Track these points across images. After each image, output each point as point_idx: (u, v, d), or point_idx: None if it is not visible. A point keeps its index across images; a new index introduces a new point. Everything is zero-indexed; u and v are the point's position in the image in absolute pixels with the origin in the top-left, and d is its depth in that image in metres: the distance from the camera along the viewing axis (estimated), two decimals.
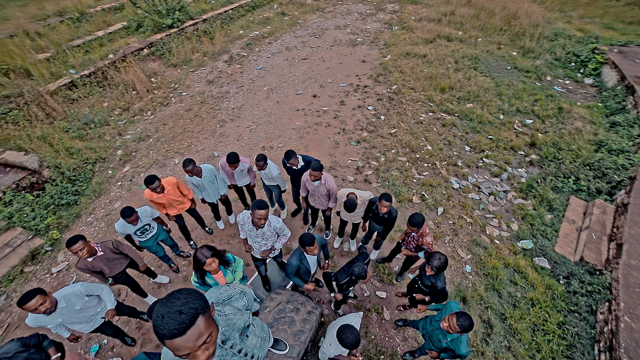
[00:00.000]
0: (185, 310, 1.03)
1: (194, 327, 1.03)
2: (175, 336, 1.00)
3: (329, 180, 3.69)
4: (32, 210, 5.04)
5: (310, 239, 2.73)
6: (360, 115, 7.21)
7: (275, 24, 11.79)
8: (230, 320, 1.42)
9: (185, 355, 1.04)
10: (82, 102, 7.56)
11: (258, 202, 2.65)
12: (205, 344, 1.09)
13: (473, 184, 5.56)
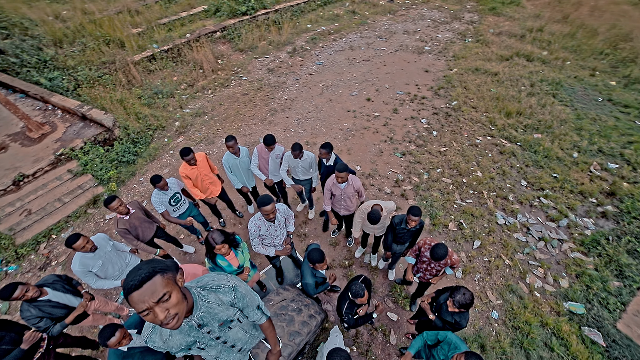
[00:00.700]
0: (144, 268, 1.14)
1: (149, 282, 1.12)
2: (133, 289, 1.10)
3: (355, 180, 3.59)
4: (101, 162, 5.78)
5: (320, 256, 2.66)
6: (411, 126, 6.88)
7: (343, 21, 11.75)
8: (211, 308, 1.42)
9: (144, 311, 1.12)
10: (157, 74, 8.41)
11: (261, 198, 2.65)
12: (163, 303, 1.15)
13: (522, 223, 4.96)
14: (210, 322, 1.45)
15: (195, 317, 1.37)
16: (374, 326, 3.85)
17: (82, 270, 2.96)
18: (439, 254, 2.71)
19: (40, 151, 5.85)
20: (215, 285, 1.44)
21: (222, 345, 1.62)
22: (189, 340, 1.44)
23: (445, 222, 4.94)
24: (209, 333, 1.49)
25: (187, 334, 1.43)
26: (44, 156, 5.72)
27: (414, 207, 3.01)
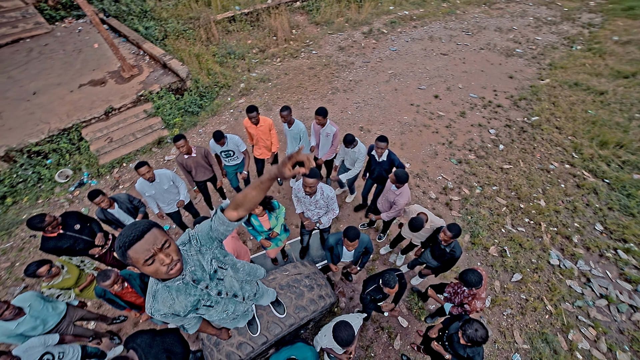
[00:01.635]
0: (140, 222, 1.19)
1: (149, 233, 1.17)
2: (135, 240, 1.14)
3: (403, 195, 3.41)
4: (170, 108, 6.37)
5: (354, 235, 2.65)
6: (476, 134, 6.25)
7: (429, 8, 10.84)
8: (196, 261, 1.45)
9: (148, 260, 1.17)
10: (234, 35, 8.80)
11: (310, 170, 2.65)
12: (165, 249, 1.21)
13: (582, 271, 4.29)
14: (202, 275, 1.47)
15: (187, 273, 1.40)
16: (381, 325, 3.79)
17: (140, 191, 3.55)
18: (472, 279, 2.47)
19: (127, 90, 6.63)
20: (182, 241, 1.46)
21: (226, 298, 1.66)
22: (193, 300, 1.47)
23: (487, 244, 4.51)
24: (207, 288, 1.51)
25: (187, 293, 1.44)
26: (129, 94, 6.48)
27: (453, 224, 2.85)
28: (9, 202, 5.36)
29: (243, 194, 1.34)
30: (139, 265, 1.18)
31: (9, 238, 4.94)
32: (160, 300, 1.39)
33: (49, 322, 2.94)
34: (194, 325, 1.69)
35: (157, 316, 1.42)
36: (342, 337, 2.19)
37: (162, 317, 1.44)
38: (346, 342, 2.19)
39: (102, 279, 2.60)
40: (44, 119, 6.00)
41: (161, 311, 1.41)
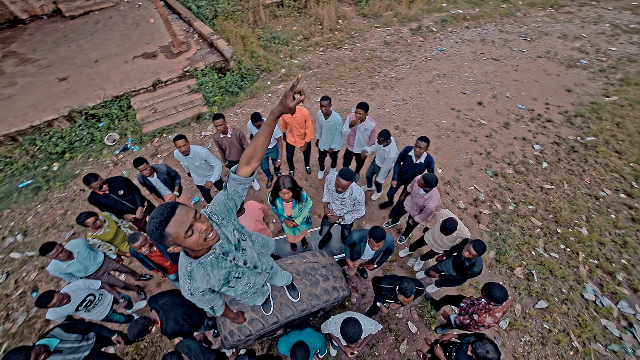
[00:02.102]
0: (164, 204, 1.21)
1: (179, 208, 1.21)
2: (169, 217, 1.17)
3: (432, 199, 3.31)
4: (212, 86, 6.62)
5: (381, 236, 2.63)
6: (518, 148, 5.87)
7: (486, 8, 10.15)
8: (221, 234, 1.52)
9: (187, 231, 1.21)
10: (280, 20, 8.86)
11: (345, 171, 2.66)
12: (199, 218, 1.26)
13: (623, 313, 3.90)
14: (229, 247, 1.56)
15: (216, 246, 1.48)
16: (390, 327, 3.77)
17: (177, 159, 3.79)
18: (499, 295, 2.35)
19: (175, 65, 6.96)
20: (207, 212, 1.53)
21: (251, 270, 1.74)
22: (224, 272, 1.54)
23: (513, 264, 4.28)
24: (235, 260, 1.59)
25: (219, 267, 1.51)
26: (176, 69, 6.81)
27: (478, 241, 2.74)
28: (67, 157, 5.93)
29: (252, 145, 1.42)
30: (180, 239, 1.22)
31: (65, 189, 5.49)
32: (198, 278, 1.45)
33: (90, 268, 3.28)
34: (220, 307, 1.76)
35: (197, 294, 1.47)
36: (347, 333, 2.21)
37: (201, 294, 1.48)
38: (350, 339, 2.21)
39: (131, 241, 2.82)
40: (101, 85, 6.50)
41: (200, 288, 1.46)
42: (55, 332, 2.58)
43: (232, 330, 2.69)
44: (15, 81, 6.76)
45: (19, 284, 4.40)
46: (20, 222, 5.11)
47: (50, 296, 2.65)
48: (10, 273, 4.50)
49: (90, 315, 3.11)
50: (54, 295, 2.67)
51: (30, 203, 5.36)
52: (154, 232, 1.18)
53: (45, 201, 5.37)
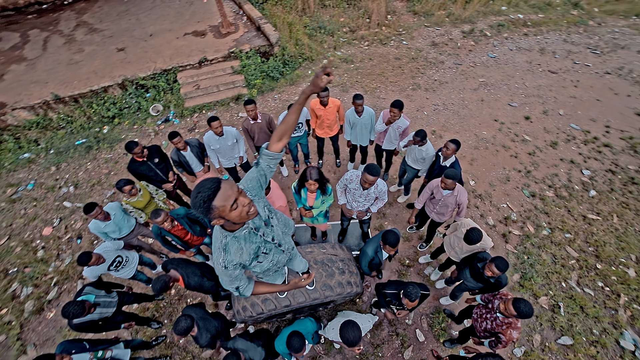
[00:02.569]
0: (208, 179, 1.27)
1: (223, 182, 1.28)
2: (216, 191, 1.23)
3: (462, 193, 3.21)
4: (254, 69, 6.77)
5: (395, 241, 2.61)
6: (563, 171, 5.45)
7: (552, 14, 9.31)
8: None
9: (234, 205, 1.29)
10: (328, 10, 8.79)
11: (372, 167, 2.63)
12: (242, 193, 1.33)
13: None
14: (260, 222, 1.63)
15: (250, 222, 1.55)
16: (397, 331, 3.75)
17: (206, 143, 3.93)
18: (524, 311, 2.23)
19: (221, 45, 7.19)
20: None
21: (276, 247, 1.80)
22: (255, 247, 1.60)
23: (538, 292, 4.04)
24: (264, 235, 1.67)
25: (251, 241, 1.58)
26: (222, 49, 7.03)
27: (500, 259, 2.60)
28: (116, 122, 6.41)
29: (284, 123, 1.54)
30: (225, 212, 1.28)
31: (111, 151, 5.97)
32: (232, 251, 1.52)
33: (123, 230, 3.58)
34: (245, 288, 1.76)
35: (230, 267, 1.53)
36: (348, 338, 2.22)
37: (233, 267, 1.54)
38: (351, 343, 2.22)
39: (154, 217, 2.94)
40: (152, 58, 6.89)
41: (233, 261, 1.52)
42: (87, 289, 2.89)
43: (245, 306, 2.82)
44: (83, 48, 7.36)
45: (68, 229, 4.90)
46: (73, 175, 5.65)
47: (89, 256, 2.95)
48: (62, 219, 5.04)
49: (119, 274, 3.42)
50: (91, 256, 2.96)
51: (82, 160, 5.89)
52: (202, 205, 1.23)
53: (94, 160, 5.88)
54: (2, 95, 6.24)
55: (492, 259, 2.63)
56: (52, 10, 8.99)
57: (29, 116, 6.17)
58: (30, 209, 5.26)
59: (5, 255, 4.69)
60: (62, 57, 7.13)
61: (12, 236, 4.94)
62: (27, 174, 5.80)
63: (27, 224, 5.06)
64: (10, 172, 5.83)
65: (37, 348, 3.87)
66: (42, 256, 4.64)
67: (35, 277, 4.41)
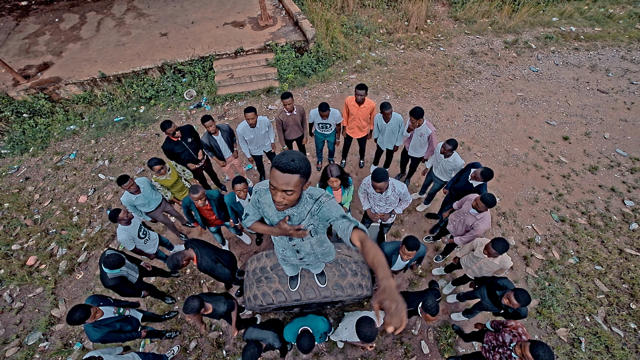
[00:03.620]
0: (297, 161, 1.35)
1: (289, 175, 1.35)
2: (278, 169, 1.34)
3: (484, 221, 3.09)
4: (287, 64, 6.85)
5: (414, 245, 2.58)
6: (601, 199, 5.10)
7: (611, 28, 8.61)
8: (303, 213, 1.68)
9: (273, 188, 1.42)
10: (367, 10, 8.70)
11: (377, 173, 2.65)
12: (287, 193, 1.42)
13: None
14: (295, 222, 1.71)
15: (291, 210, 1.66)
16: (402, 339, 3.71)
17: (240, 134, 4.03)
18: (543, 359, 2.08)
19: (258, 37, 7.33)
20: (314, 194, 1.68)
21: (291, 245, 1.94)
22: (276, 221, 1.76)
23: (557, 322, 3.84)
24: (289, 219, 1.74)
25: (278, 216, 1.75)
26: (258, 41, 7.18)
27: (521, 291, 2.48)
28: (152, 103, 6.75)
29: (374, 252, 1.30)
30: (270, 179, 1.43)
31: (145, 130, 6.30)
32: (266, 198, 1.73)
33: (151, 204, 3.79)
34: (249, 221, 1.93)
35: (254, 198, 1.78)
36: (365, 333, 2.24)
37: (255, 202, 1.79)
38: (369, 338, 2.24)
39: (193, 192, 3.14)
40: (192, 45, 7.16)
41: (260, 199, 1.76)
42: (108, 251, 3.12)
43: (256, 294, 2.91)
44: (130, 31, 7.79)
45: (100, 200, 5.26)
46: (109, 150, 6.03)
47: (118, 211, 3.21)
48: (96, 189, 5.41)
49: (146, 248, 3.64)
50: (120, 210, 3.21)
51: (118, 136, 6.26)
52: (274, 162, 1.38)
53: (129, 137, 6.23)
54: (59, 70, 6.76)
55: (512, 289, 2.53)
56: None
57: (78, 91, 6.64)
58: (71, 177, 5.69)
59: (47, 217, 5.12)
60: (112, 38, 7.58)
61: (54, 200, 5.37)
62: (71, 144, 6.26)
63: (67, 190, 5.48)
64: (58, 141, 6.33)
65: (66, 304, 4.22)
66: (77, 222, 5.01)
67: (69, 240, 4.78)
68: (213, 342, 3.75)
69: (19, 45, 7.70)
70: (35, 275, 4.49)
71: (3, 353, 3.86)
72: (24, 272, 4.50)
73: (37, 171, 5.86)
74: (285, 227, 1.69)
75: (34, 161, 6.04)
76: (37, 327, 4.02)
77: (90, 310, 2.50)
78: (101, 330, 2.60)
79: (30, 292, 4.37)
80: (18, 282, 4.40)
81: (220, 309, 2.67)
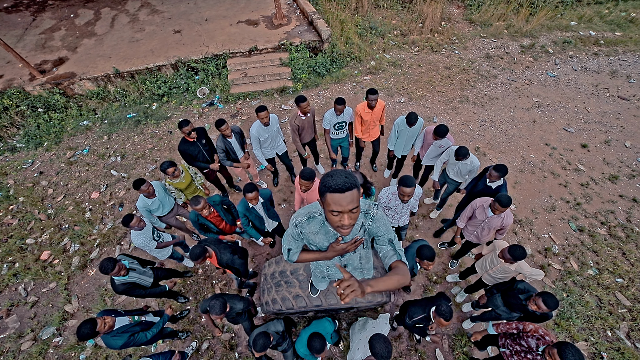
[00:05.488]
0: (349, 177, 1.25)
1: (351, 191, 1.24)
2: (337, 191, 1.22)
3: (509, 215, 3.03)
4: (302, 63, 6.80)
5: (431, 255, 2.52)
6: (622, 209, 4.98)
7: (634, 32, 8.41)
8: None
9: (337, 213, 1.28)
10: (381, 11, 8.61)
11: (407, 179, 2.57)
12: (353, 212, 1.28)
13: None
14: (348, 240, 1.63)
15: None
16: (416, 347, 3.65)
17: (255, 135, 3.95)
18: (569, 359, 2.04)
19: (272, 36, 7.29)
20: (365, 208, 1.58)
21: (340, 258, 1.86)
22: (325, 245, 1.66)
23: (577, 336, 3.75)
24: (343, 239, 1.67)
25: (328, 240, 1.64)
26: (273, 40, 7.13)
27: (549, 295, 2.41)
28: (164, 100, 6.75)
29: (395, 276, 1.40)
30: (325, 207, 1.31)
31: (157, 127, 6.30)
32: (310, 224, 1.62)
33: (165, 208, 3.76)
34: (294, 254, 1.82)
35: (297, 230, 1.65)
36: (381, 353, 2.16)
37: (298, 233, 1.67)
38: (387, 356, 2.17)
39: (194, 203, 3.02)
40: (205, 42, 7.14)
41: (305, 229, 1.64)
42: (120, 257, 3.09)
43: (275, 299, 2.86)
44: (144, 28, 7.80)
45: (112, 196, 5.26)
46: (122, 146, 6.04)
47: (131, 217, 3.14)
48: (108, 186, 5.41)
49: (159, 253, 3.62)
50: (133, 217, 3.15)
51: (131, 132, 6.27)
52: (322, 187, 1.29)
53: (141, 134, 6.23)
54: (74, 66, 6.79)
55: (540, 293, 2.46)
56: None
57: (92, 87, 6.66)
58: (84, 172, 5.70)
59: (60, 212, 5.13)
60: (126, 34, 7.60)
61: (67, 195, 5.39)
62: (84, 140, 6.28)
63: (79, 186, 5.50)
64: (71, 137, 6.35)
65: (79, 300, 4.22)
66: (89, 218, 5.02)
67: (82, 236, 4.79)
68: (225, 343, 3.72)
69: (35, 40, 7.75)
70: (49, 270, 4.50)
71: (19, 346, 3.87)
72: (38, 266, 4.52)
73: (51, 166, 5.89)
74: (340, 247, 1.61)
75: (48, 156, 6.06)
76: (50, 322, 4.03)
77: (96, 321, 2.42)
78: (122, 337, 2.54)
79: (44, 287, 4.38)
80: (33, 276, 4.42)
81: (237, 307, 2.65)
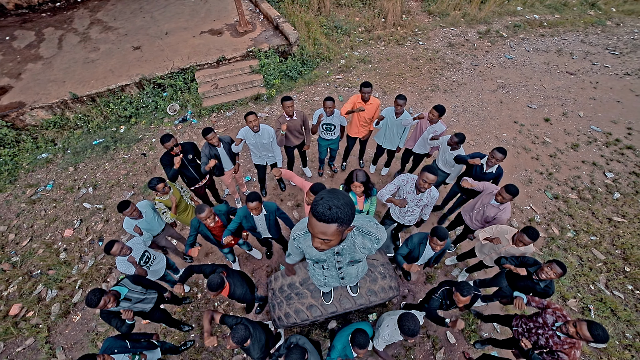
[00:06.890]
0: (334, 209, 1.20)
1: (325, 225, 1.22)
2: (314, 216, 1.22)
3: (506, 211, 3.17)
4: (273, 69, 6.71)
5: (444, 234, 2.61)
6: (585, 173, 5.44)
7: (568, 14, 9.26)
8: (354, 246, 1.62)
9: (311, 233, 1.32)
10: (343, 10, 8.73)
11: (431, 167, 2.62)
12: (325, 241, 1.31)
13: None
14: (345, 255, 1.68)
15: (340, 246, 1.59)
16: (428, 333, 3.74)
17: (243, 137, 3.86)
18: (600, 336, 2.13)
19: (239, 44, 7.13)
20: (366, 231, 1.59)
21: (337, 271, 1.91)
22: (322, 257, 1.73)
23: (567, 294, 4.04)
24: (339, 262, 1.76)
25: (324, 253, 1.68)
26: (240, 48, 6.97)
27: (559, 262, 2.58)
28: (132, 121, 6.35)
29: None
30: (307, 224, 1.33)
31: (129, 151, 5.91)
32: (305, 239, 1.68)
33: (154, 229, 3.53)
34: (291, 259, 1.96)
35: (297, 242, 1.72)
36: (410, 327, 2.24)
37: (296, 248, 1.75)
38: (413, 333, 2.25)
39: (199, 212, 2.92)
40: (169, 57, 6.82)
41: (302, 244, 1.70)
42: (124, 282, 2.85)
43: (287, 313, 2.80)
44: (99, 47, 7.28)
45: (89, 231, 4.86)
46: (92, 176, 5.60)
47: (112, 244, 2.88)
48: (83, 220, 4.98)
49: (150, 273, 3.38)
50: (114, 243, 2.89)
51: (100, 160, 5.83)
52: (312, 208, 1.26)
53: (112, 160, 5.82)
54: (20, 94, 6.17)
55: (550, 260, 2.60)
56: (65, 9, 8.90)
57: (47, 116, 6.10)
58: (50, 210, 5.22)
59: (28, 257, 4.65)
60: (78, 55, 7.06)
61: (33, 238, 4.89)
62: (46, 174, 5.74)
63: (48, 225, 5.02)
64: (29, 173, 5.78)
65: (65, 351, 3.84)
66: (65, 258, 4.59)
67: (59, 280, 4.37)
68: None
69: None
70: (23, 325, 4.02)
71: None
72: (8, 323, 4.01)
73: (8, 208, 5.30)
74: None
75: (3, 197, 5.46)
76: None
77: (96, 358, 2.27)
78: None
79: (18, 346, 3.90)
80: (1, 337, 3.92)
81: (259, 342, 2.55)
